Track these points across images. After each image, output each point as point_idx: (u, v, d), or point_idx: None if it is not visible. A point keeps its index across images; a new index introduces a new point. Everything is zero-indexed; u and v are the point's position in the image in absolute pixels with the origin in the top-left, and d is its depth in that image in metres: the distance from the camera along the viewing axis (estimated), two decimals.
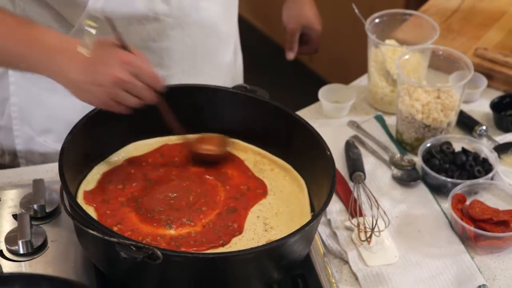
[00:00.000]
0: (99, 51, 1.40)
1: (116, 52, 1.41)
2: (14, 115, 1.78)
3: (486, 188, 1.67)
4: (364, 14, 1.89)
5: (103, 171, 1.54)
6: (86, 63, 1.39)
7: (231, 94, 1.61)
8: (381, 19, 1.92)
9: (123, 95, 1.41)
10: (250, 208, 1.49)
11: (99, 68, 1.39)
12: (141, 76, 1.41)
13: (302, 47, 2.09)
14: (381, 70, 1.87)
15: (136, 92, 1.42)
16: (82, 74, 1.39)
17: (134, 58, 1.41)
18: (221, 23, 1.81)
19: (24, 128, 1.79)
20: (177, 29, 1.72)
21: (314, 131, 1.53)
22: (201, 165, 1.56)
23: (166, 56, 1.75)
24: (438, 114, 1.74)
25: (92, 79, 1.39)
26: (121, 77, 1.39)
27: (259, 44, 3.69)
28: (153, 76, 1.43)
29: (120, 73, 1.39)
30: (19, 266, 1.46)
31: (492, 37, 2.05)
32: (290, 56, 2.07)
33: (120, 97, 1.41)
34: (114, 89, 1.40)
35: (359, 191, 1.64)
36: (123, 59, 1.40)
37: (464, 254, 1.56)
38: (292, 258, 1.41)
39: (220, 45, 1.85)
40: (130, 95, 1.42)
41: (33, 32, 1.43)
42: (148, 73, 1.42)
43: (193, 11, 1.72)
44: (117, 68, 1.39)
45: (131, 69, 1.40)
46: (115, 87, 1.39)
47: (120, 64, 1.39)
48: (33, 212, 1.53)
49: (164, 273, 1.34)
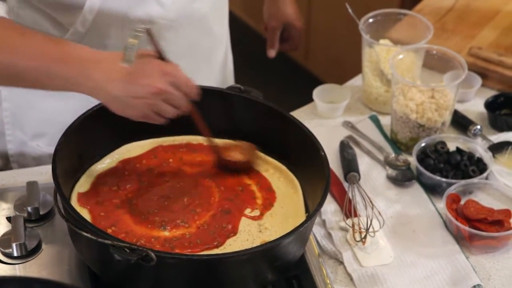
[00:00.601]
0: (138, 64, 1.38)
1: (155, 63, 1.40)
2: (6, 120, 1.78)
3: (481, 187, 1.67)
4: (359, 13, 1.89)
5: (97, 173, 1.53)
6: (125, 77, 1.38)
7: (225, 95, 1.61)
8: (375, 18, 1.92)
9: (163, 106, 1.40)
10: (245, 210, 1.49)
11: (140, 81, 1.38)
12: (179, 86, 1.40)
13: (283, 44, 2.10)
14: (376, 70, 1.87)
15: (175, 102, 1.41)
16: (122, 88, 1.38)
17: (172, 68, 1.41)
18: (213, 23, 1.81)
19: (16, 133, 1.79)
20: (171, 31, 1.72)
21: (308, 131, 1.53)
22: (226, 172, 1.57)
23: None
24: (433, 114, 1.74)
25: (133, 93, 1.38)
26: (162, 87, 1.38)
27: (253, 43, 3.68)
28: (190, 85, 1.43)
29: (161, 84, 1.38)
30: (13, 269, 1.46)
31: (486, 36, 2.05)
32: (271, 54, 2.09)
33: (160, 108, 1.40)
34: (154, 100, 1.39)
35: (353, 192, 1.64)
36: (163, 70, 1.39)
37: (459, 254, 1.56)
38: (287, 259, 1.41)
39: (213, 45, 1.85)
40: (169, 105, 1.41)
41: (66, 49, 1.41)
42: (185, 82, 1.42)
43: (187, 12, 1.72)
44: (157, 79, 1.38)
45: (171, 79, 1.39)
46: (155, 98, 1.39)
47: (159, 75, 1.39)
48: (27, 215, 1.53)
49: (158, 275, 1.33)
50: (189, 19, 1.73)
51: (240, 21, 3.80)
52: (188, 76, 1.43)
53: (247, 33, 3.79)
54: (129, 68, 1.36)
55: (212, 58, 1.87)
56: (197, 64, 1.82)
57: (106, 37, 1.66)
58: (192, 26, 1.75)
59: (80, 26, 1.63)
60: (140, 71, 1.38)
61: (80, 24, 1.62)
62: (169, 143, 1.61)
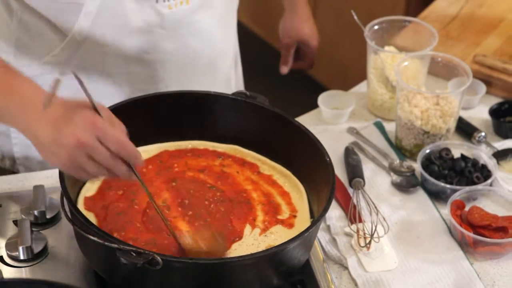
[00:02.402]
0: (67, 111, 1.28)
1: (84, 114, 1.27)
2: None
3: (485, 194, 1.68)
4: (364, 20, 1.90)
5: (103, 177, 1.54)
6: (52, 122, 1.27)
7: (231, 101, 1.62)
8: (380, 25, 1.93)
9: (84, 160, 1.27)
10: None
11: (63, 129, 1.26)
12: (106, 142, 1.27)
13: (297, 62, 2.10)
14: (381, 76, 1.88)
15: (100, 159, 1.27)
16: (46, 133, 1.28)
17: (102, 122, 1.27)
18: (217, 35, 1.79)
19: (21, 136, 1.79)
20: (170, 41, 1.71)
21: (313, 137, 1.54)
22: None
23: (160, 68, 1.74)
24: (437, 121, 1.75)
25: (55, 139, 1.27)
26: (83, 139, 1.25)
27: (259, 50, 3.70)
28: (121, 144, 1.28)
29: (85, 136, 1.25)
30: (19, 272, 1.46)
31: (491, 44, 2.06)
32: (284, 70, 2.09)
33: (81, 162, 1.27)
34: (76, 152, 1.26)
35: (358, 197, 1.65)
36: (89, 121, 1.26)
37: (463, 260, 1.56)
38: (292, 264, 1.42)
39: (216, 57, 1.83)
40: (93, 162, 1.28)
41: (14, 82, 1.33)
42: (116, 140, 1.27)
43: (186, 23, 1.71)
44: (82, 131, 1.26)
45: (98, 133, 1.26)
46: (77, 150, 1.26)
47: (86, 127, 1.26)
48: (34, 218, 1.53)
49: (164, 279, 1.34)
50: (189, 30, 1.73)
51: (246, 28, 3.81)
52: (126, 137, 1.29)
53: (253, 39, 3.80)
54: (57, 113, 1.27)
55: (215, 70, 1.85)
56: (199, 76, 1.81)
57: (105, 46, 1.67)
58: (194, 37, 1.74)
59: (78, 33, 1.63)
60: (68, 119, 1.27)
61: (77, 29, 1.63)
62: (175, 148, 1.62)
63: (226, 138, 1.62)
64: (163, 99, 1.60)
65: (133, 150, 1.30)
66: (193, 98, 1.61)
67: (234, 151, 1.62)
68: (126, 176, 1.31)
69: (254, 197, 1.53)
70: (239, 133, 1.62)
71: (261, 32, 3.83)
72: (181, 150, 1.62)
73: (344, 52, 3.35)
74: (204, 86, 1.70)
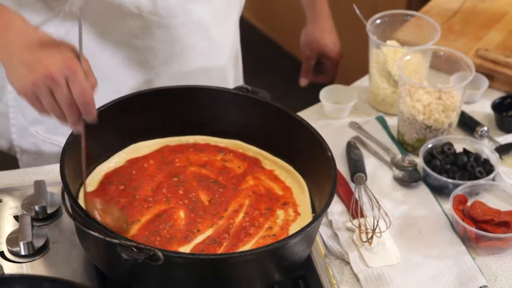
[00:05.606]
0: (52, 43, 1.32)
1: (66, 53, 1.31)
2: (10, 103, 1.79)
3: (488, 189, 1.67)
4: (366, 14, 1.89)
5: (104, 172, 1.54)
6: (33, 48, 1.31)
7: (232, 95, 1.61)
8: (382, 20, 1.92)
9: (44, 92, 1.30)
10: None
11: (40, 57, 1.30)
12: (72, 85, 1.29)
13: (318, 76, 2.08)
14: (383, 71, 1.87)
15: (58, 98, 1.30)
16: (22, 55, 1.31)
17: (77, 67, 1.30)
18: (212, 28, 1.78)
19: (19, 117, 1.80)
20: (162, 29, 1.70)
21: (315, 132, 1.53)
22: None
23: (150, 55, 1.74)
24: (440, 115, 1.74)
25: (28, 63, 1.30)
26: (53, 72, 1.28)
27: (260, 44, 3.69)
28: (84, 94, 1.30)
29: (55, 69, 1.29)
30: (20, 267, 1.46)
31: (493, 38, 2.05)
32: (303, 83, 2.07)
33: (41, 93, 1.30)
34: (41, 81, 1.29)
35: (360, 192, 1.64)
36: (67, 61, 1.30)
37: (465, 255, 1.56)
38: (294, 259, 1.41)
39: (212, 50, 1.82)
40: (51, 97, 1.31)
41: (4, 13, 1.37)
42: (81, 87, 1.30)
43: (180, 12, 1.70)
44: (55, 65, 1.29)
45: (68, 73, 1.29)
46: (42, 80, 1.29)
47: (60, 64, 1.29)
48: (35, 214, 1.53)
49: (165, 274, 1.34)
50: (182, 20, 1.72)
51: (248, 22, 3.80)
52: (90, 89, 1.31)
53: (254, 34, 3.79)
54: (42, 42, 1.31)
55: (210, 64, 1.83)
56: (192, 68, 1.79)
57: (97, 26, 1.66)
58: (187, 27, 1.73)
59: (70, 11, 1.62)
60: (48, 50, 1.31)
61: (68, 10, 1.62)
62: (176, 143, 1.62)
63: (227, 133, 1.62)
64: (164, 93, 1.60)
65: (91, 104, 1.32)
66: (194, 92, 1.61)
67: (236, 146, 1.62)
68: (74, 125, 1.34)
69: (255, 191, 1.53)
70: (241, 128, 1.61)
71: (262, 26, 3.82)
72: (183, 145, 1.61)
73: (346, 46, 3.33)
74: (196, 80, 1.69)
